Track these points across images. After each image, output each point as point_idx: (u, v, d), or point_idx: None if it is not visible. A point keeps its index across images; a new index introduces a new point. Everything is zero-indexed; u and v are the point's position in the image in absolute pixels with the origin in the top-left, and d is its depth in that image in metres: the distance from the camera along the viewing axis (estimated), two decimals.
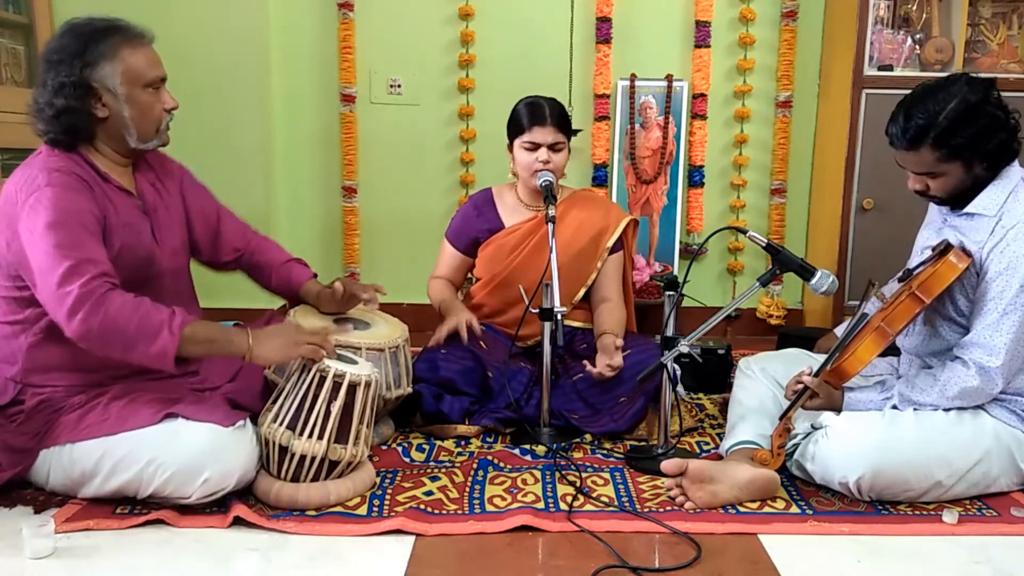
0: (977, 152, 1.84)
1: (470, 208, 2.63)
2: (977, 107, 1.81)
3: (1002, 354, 1.80)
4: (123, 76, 1.81)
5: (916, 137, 1.84)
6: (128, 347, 1.70)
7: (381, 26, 3.44)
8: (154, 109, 1.87)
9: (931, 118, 1.81)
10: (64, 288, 1.67)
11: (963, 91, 1.82)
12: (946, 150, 1.83)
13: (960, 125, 1.80)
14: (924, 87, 1.88)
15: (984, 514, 1.83)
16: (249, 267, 2.22)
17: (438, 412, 2.27)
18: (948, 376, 1.84)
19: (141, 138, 1.87)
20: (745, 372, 2.18)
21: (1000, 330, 1.81)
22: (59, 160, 1.81)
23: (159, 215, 1.98)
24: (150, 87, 1.86)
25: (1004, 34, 3.22)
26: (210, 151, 3.29)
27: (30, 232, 1.72)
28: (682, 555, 1.64)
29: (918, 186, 1.94)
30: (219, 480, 1.72)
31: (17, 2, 3.11)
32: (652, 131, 3.42)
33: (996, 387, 1.83)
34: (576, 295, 2.52)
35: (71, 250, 1.69)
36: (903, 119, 1.85)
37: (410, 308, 3.31)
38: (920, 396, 1.86)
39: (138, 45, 1.85)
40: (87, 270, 1.69)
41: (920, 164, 1.88)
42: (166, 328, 1.70)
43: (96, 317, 1.67)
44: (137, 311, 1.70)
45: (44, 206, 1.72)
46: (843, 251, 3.24)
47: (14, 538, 1.64)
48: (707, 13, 3.39)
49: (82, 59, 1.79)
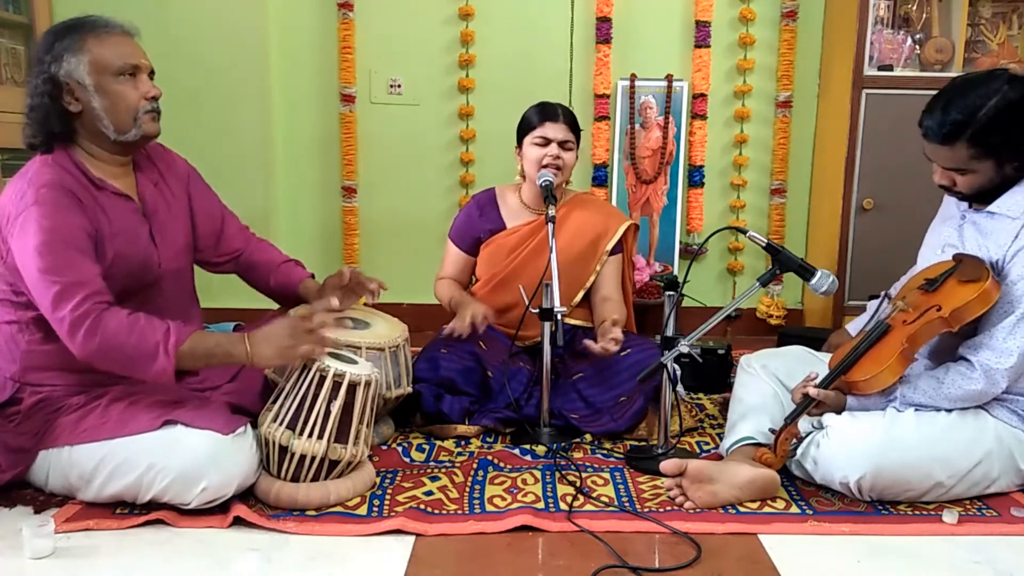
0: (1012, 152, 1.81)
1: (473, 207, 2.63)
2: (1017, 106, 1.77)
3: (1013, 357, 1.79)
4: (90, 66, 1.79)
5: (952, 133, 1.80)
6: (127, 367, 1.72)
7: (381, 26, 3.44)
8: (126, 97, 1.83)
9: (971, 114, 1.78)
10: (57, 314, 1.69)
11: (1004, 88, 1.78)
12: (982, 147, 1.80)
13: (999, 123, 1.77)
14: (964, 80, 1.84)
15: (984, 514, 1.83)
16: (247, 266, 2.21)
17: (438, 412, 2.27)
18: (952, 378, 1.83)
19: (118, 129, 1.84)
20: (746, 370, 2.18)
21: (1015, 334, 1.79)
22: (50, 172, 1.78)
23: (160, 216, 1.97)
24: (121, 75, 1.82)
25: (1004, 34, 3.22)
26: (210, 151, 3.27)
27: (21, 253, 1.73)
28: (682, 555, 1.64)
29: (944, 181, 1.90)
30: (218, 488, 1.72)
31: (17, 2, 3.11)
32: (652, 131, 3.42)
33: (999, 389, 1.82)
34: (575, 298, 2.53)
35: (58, 274, 1.69)
36: (940, 113, 1.81)
37: (410, 308, 3.31)
38: (922, 398, 1.86)
39: (105, 35, 1.82)
40: (75, 293, 1.69)
41: (952, 160, 1.85)
42: (161, 350, 1.70)
43: (93, 341, 1.68)
44: (131, 334, 1.69)
45: (32, 227, 1.71)
46: (843, 251, 3.24)
47: (14, 538, 1.64)
48: (707, 13, 3.39)
49: (50, 55, 1.79)
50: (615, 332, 2.26)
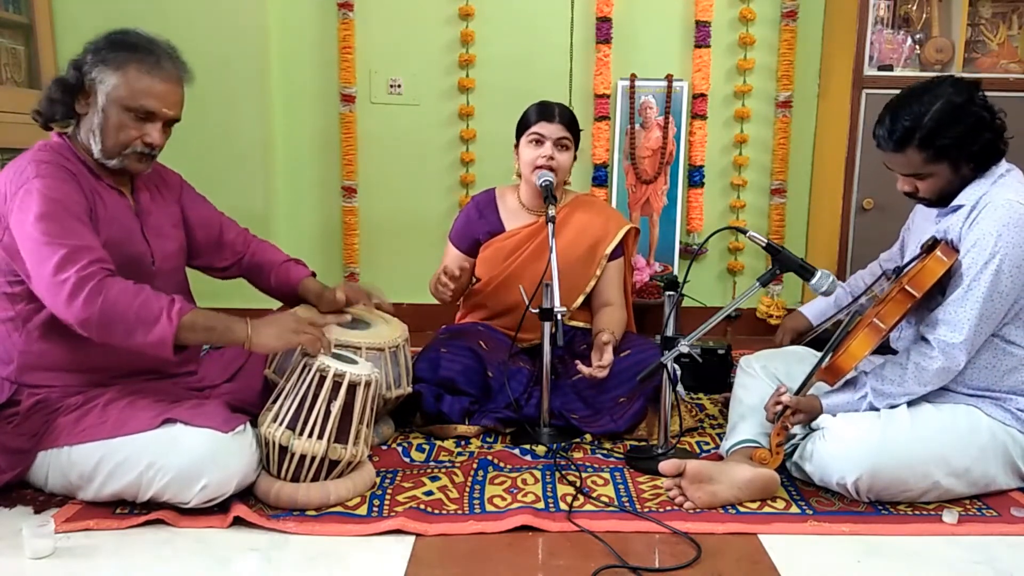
0: (963, 153, 1.85)
1: (472, 209, 2.63)
2: (962, 108, 1.83)
3: (965, 329, 1.81)
4: (112, 88, 1.80)
5: (902, 139, 1.86)
6: (127, 333, 1.70)
7: (381, 26, 3.44)
8: (123, 132, 1.83)
9: (916, 120, 1.83)
10: (60, 276, 1.67)
11: (948, 92, 1.84)
12: (932, 151, 1.85)
13: (945, 126, 1.82)
14: (910, 89, 1.90)
15: (984, 514, 1.83)
16: (249, 268, 2.22)
17: (438, 412, 2.27)
18: (916, 361, 1.85)
19: (103, 152, 1.84)
20: (746, 370, 2.18)
21: (965, 304, 1.82)
22: (48, 153, 1.81)
23: (152, 218, 1.98)
24: (132, 112, 1.82)
25: (1004, 34, 3.22)
26: (210, 151, 3.30)
27: (21, 225, 1.72)
28: (682, 555, 1.64)
29: (907, 187, 1.96)
30: (218, 486, 1.72)
31: (17, 2, 3.11)
32: (652, 131, 3.42)
33: (960, 363, 1.83)
34: (575, 303, 2.52)
35: (64, 238, 1.69)
36: (889, 121, 1.88)
37: (410, 308, 3.31)
38: (891, 387, 1.87)
39: (148, 72, 1.82)
40: (82, 256, 1.69)
41: (907, 166, 1.90)
42: (165, 315, 1.69)
43: (95, 302, 1.66)
44: (137, 297, 1.70)
45: (34, 198, 1.72)
46: (843, 251, 3.23)
47: (14, 538, 1.64)
48: (707, 13, 3.39)
49: (94, 56, 1.81)
50: (606, 355, 2.25)
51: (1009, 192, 1.83)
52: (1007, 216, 1.79)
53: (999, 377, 1.89)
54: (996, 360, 1.88)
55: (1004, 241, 1.79)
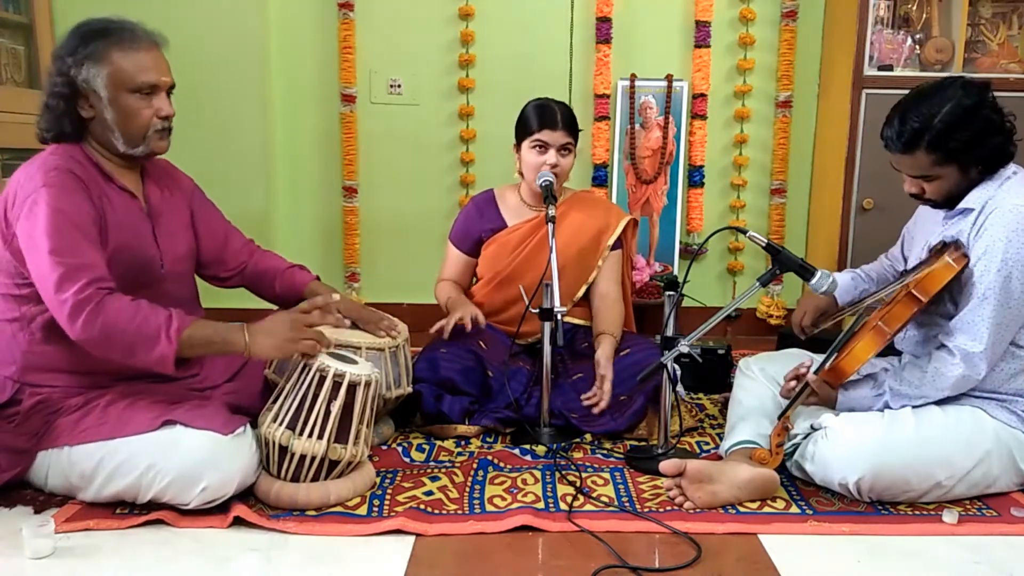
0: (972, 155, 1.84)
1: (472, 209, 2.63)
2: (972, 110, 1.81)
3: (984, 338, 1.81)
4: (108, 79, 1.80)
5: (911, 140, 1.84)
6: (128, 352, 1.71)
7: (381, 26, 3.44)
8: (140, 115, 1.84)
9: (926, 121, 1.81)
10: (60, 296, 1.68)
11: (958, 94, 1.82)
12: (941, 153, 1.83)
13: (955, 128, 1.81)
14: (919, 90, 1.88)
15: (984, 514, 1.83)
16: (252, 277, 2.22)
17: (438, 412, 2.27)
18: (935, 365, 1.85)
19: (127, 142, 1.85)
20: (745, 372, 2.18)
21: (981, 315, 1.81)
22: (60, 158, 1.80)
23: (163, 220, 1.98)
24: (137, 92, 1.82)
25: (1004, 34, 3.22)
26: (210, 151, 3.30)
27: (28, 236, 1.73)
28: (682, 555, 1.64)
29: (913, 189, 1.94)
30: (218, 488, 1.72)
31: (17, 2, 3.11)
32: (652, 131, 3.42)
33: (980, 373, 1.83)
34: (577, 293, 2.53)
35: (64, 256, 1.69)
36: (898, 122, 1.86)
37: (410, 308, 3.31)
38: (909, 389, 1.87)
39: (131, 49, 1.82)
40: (81, 276, 1.69)
41: (915, 167, 1.89)
42: (164, 334, 1.69)
43: (95, 324, 1.67)
44: (134, 317, 1.69)
45: (41, 209, 1.71)
46: (843, 251, 3.23)
47: (14, 538, 1.64)
48: (707, 13, 3.39)
49: (73, 58, 1.80)
50: (604, 390, 2.25)
51: (1016, 196, 1.82)
52: (1015, 222, 1.79)
53: (1005, 379, 1.88)
54: (1002, 362, 1.88)
55: (1013, 248, 1.78)
